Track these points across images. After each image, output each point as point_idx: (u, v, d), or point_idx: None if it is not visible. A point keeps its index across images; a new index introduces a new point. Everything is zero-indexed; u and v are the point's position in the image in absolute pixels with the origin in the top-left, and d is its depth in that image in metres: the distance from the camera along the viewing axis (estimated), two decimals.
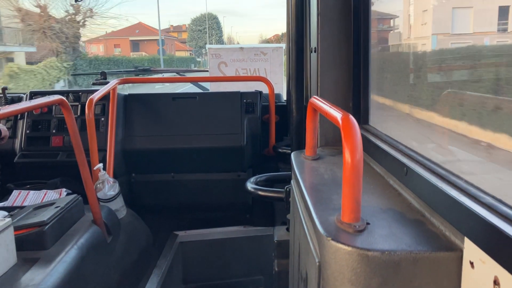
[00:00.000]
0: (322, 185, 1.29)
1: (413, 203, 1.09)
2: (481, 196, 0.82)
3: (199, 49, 67.78)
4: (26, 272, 1.52)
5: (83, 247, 1.78)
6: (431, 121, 1.25)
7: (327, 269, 0.93)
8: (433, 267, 0.85)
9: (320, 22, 1.70)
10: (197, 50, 67.22)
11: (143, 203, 3.03)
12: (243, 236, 2.97)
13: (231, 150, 2.84)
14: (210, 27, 68.70)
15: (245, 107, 2.91)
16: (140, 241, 2.57)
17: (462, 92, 1.15)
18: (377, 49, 1.65)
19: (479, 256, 0.77)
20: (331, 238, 0.91)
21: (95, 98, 2.37)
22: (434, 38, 1.32)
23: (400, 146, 1.24)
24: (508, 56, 0.98)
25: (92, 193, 1.99)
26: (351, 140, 0.93)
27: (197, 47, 67.31)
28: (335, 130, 1.75)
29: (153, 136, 2.85)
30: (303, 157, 1.59)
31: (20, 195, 2.27)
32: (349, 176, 0.92)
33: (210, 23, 68.15)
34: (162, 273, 2.53)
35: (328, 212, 1.05)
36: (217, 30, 70.57)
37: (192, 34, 67.66)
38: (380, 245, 0.87)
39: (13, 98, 2.95)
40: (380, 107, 1.62)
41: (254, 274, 3.00)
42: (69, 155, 2.67)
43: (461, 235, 0.85)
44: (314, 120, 1.49)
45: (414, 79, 1.42)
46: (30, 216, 1.79)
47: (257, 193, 2.11)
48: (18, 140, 2.78)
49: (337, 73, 1.72)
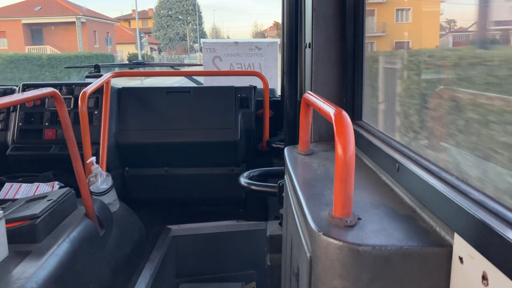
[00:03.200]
0: (315, 180, 1.30)
1: (405, 198, 1.10)
2: (471, 192, 0.83)
3: (169, 41, 54.57)
4: (18, 265, 1.51)
5: (75, 241, 1.78)
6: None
7: (318, 264, 0.93)
8: (423, 262, 0.86)
9: (314, 18, 1.70)
10: (167, 43, 54.29)
11: (136, 197, 3.02)
12: (236, 230, 2.98)
13: (225, 144, 2.84)
14: (186, 11, 54.45)
15: (239, 101, 2.91)
16: (133, 235, 2.57)
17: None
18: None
19: (468, 251, 0.78)
20: (322, 232, 0.92)
21: (89, 91, 2.36)
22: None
23: (393, 142, 1.25)
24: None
25: (85, 187, 1.99)
26: (343, 135, 0.94)
27: (166, 39, 54.58)
28: (328, 126, 1.76)
29: (147, 130, 2.84)
30: (296, 152, 1.59)
31: (12, 188, 2.25)
32: (341, 171, 0.92)
33: (185, 7, 54.83)
34: (155, 267, 2.53)
35: (320, 207, 1.06)
36: (194, 16, 56.71)
37: (159, 22, 54.01)
38: (371, 240, 0.88)
39: (5, 90, 2.93)
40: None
41: (247, 268, 3.01)
42: (62, 148, 2.66)
43: (451, 230, 0.86)
44: (307, 115, 1.49)
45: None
46: (22, 209, 1.79)
47: (250, 188, 2.12)
48: (10, 133, 2.77)
49: (331, 68, 1.73)
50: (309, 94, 1.39)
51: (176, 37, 56.57)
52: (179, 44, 55.80)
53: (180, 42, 56.35)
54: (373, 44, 1.97)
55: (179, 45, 55.58)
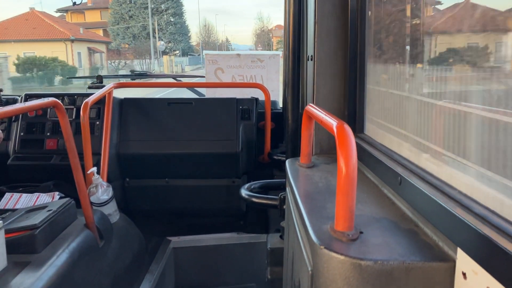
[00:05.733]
0: (316, 193, 1.29)
1: (407, 212, 1.09)
2: (474, 207, 0.83)
3: (132, 38, 37.89)
4: (16, 276, 1.50)
5: (74, 251, 1.76)
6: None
7: (319, 278, 0.92)
8: (426, 277, 0.85)
9: (317, 30, 1.71)
10: (130, 42, 37.25)
11: (136, 208, 3.01)
12: (236, 242, 2.96)
13: (226, 156, 2.83)
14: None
15: (241, 113, 2.91)
16: (133, 246, 2.55)
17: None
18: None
19: (471, 267, 0.77)
20: (324, 246, 0.91)
21: (90, 101, 2.37)
22: None
23: (395, 155, 1.24)
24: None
25: (85, 197, 1.98)
26: (345, 148, 0.93)
27: (129, 36, 38.71)
28: (330, 138, 1.75)
29: (148, 141, 2.84)
30: (298, 165, 1.59)
31: (12, 198, 2.25)
32: (343, 185, 0.92)
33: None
34: (154, 279, 2.51)
35: (322, 220, 1.05)
36: (172, 2, 42.06)
37: (118, 12, 36.80)
38: (373, 255, 0.87)
39: (7, 100, 2.94)
40: None
41: (247, 281, 2.99)
42: (63, 159, 2.66)
43: (454, 245, 0.85)
44: (309, 127, 1.49)
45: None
46: (22, 219, 1.78)
47: (251, 200, 2.11)
48: (12, 143, 2.77)
49: (333, 81, 1.73)
50: (311, 106, 1.39)
51: (143, 33, 40.98)
52: (148, 44, 39.19)
53: (149, 41, 39.48)
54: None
55: (148, 44, 38.95)
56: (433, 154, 1.05)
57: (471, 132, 0.89)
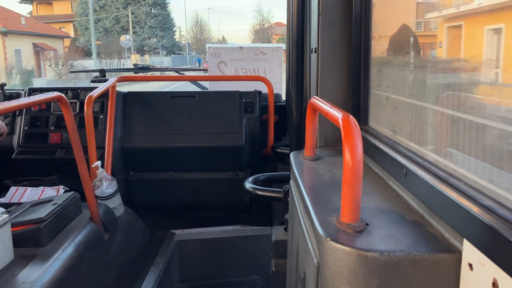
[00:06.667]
0: (322, 185, 1.29)
1: (413, 204, 1.09)
2: (480, 198, 0.82)
3: (105, 32, 32.72)
4: (23, 269, 1.51)
5: (80, 245, 1.77)
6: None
7: (325, 270, 0.93)
8: (432, 269, 0.85)
9: (320, 23, 1.70)
10: (102, 37, 32.01)
11: (140, 202, 3.02)
12: (241, 235, 2.97)
13: (229, 149, 2.84)
14: None
15: (244, 106, 2.91)
16: (137, 239, 2.57)
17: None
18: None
19: (478, 258, 0.77)
20: (330, 238, 0.91)
21: (94, 96, 2.37)
22: None
23: (400, 147, 1.24)
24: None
25: (90, 191, 1.99)
26: (351, 140, 0.93)
27: (100, 30, 32.04)
28: (334, 131, 1.75)
29: (152, 135, 2.85)
30: (302, 157, 1.59)
31: (18, 192, 2.26)
32: (349, 177, 0.92)
33: None
34: (159, 272, 2.53)
35: (327, 212, 1.05)
36: None
37: (86, 1, 29.70)
38: (379, 246, 0.87)
39: (11, 94, 2.94)
40: None
41: (251, 274, 3.00)
42: (67, 152, 2.67)
43: (460, 237, 0.85)
44: (313, 120, 1.49)
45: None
46: (28, 213, 1.79)
47: (255, 193, 2.11)
48: (16, 137, 2.78)
49: (337, 73, 1.72)
50: (315, 99, 1.39)
51: (116, 27, 34.75)
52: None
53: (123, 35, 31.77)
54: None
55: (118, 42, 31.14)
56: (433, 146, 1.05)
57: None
